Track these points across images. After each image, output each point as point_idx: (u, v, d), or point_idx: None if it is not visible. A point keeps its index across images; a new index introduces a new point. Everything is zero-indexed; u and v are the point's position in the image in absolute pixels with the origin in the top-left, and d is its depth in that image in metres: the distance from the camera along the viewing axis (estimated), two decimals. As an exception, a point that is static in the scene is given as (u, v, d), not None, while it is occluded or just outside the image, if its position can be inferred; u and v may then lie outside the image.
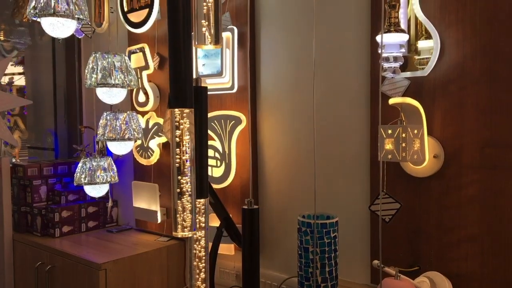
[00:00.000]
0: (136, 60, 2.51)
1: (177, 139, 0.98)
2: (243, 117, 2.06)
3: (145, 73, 2.46)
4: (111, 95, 1.74)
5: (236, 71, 2.09)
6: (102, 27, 2.73)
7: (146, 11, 2.40)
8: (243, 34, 2.08)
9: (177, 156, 0.99)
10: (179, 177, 0.99)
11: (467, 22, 1.46)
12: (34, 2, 1.35)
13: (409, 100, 1.46)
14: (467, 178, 1.48)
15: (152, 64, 2.45)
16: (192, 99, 1.00)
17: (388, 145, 1.43)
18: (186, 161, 0.99)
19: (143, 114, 2.50)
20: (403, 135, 1.40)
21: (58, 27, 1.41)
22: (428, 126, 1.53)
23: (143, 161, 2.52)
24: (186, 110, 0.99)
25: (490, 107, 1.43)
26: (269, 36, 2.04)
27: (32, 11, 1.36)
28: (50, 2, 1.32)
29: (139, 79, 2.48)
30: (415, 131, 1.43)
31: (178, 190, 0.99)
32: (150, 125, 2.46)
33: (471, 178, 1.47)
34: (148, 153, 2.48)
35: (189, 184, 0.99)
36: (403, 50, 1.46)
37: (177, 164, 0.99)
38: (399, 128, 1.41)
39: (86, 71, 1.70)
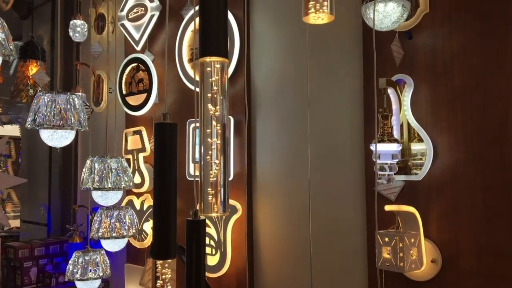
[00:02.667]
0: (132, 142, 2.53)
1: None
2: (238, 206, 2.05)
3: (141, 155, 2.48)
4: (106, 198, 1.75)
5: (232, 159, 2.11)
6: (100, 107, 2.77)
7: (144, 95, 2.45)
8: (239, 122, 2.11)
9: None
10: None
11: (458, 128, 1.49)
12: (33, 114, 1.37)
13: (405, 208, 1.47)
14: (465, 285, 1.46)
15: (148, 147, 2.46)
16: (175, 251, 0.95)
17: (386, 253, 1.42)
18: None
19: (138, 195, 2.49)
20: (400, 244, 1.39)
21: (57, 138, 1.43)
22: (424, 229, 1.52)
23: (136, 243, 2.48)
24: (169, 260, 0.95)
25: (485, 214, 1.44)
26: (264, 125, 2.07)
27: (31, 122, 1.38)
28: (49, 117, 1.34)
29: (135, 161, 2.49)
30: (412, 240, 1.42)
31: None
32: (144, 207, 2.44)
33: (469, 285, 1.45)
34: (142, 236, 2.44)
35: None
36: (396, 159, 1.48)
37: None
38: (396, 237, 1.41)
39: (83, 172, 1.71)
